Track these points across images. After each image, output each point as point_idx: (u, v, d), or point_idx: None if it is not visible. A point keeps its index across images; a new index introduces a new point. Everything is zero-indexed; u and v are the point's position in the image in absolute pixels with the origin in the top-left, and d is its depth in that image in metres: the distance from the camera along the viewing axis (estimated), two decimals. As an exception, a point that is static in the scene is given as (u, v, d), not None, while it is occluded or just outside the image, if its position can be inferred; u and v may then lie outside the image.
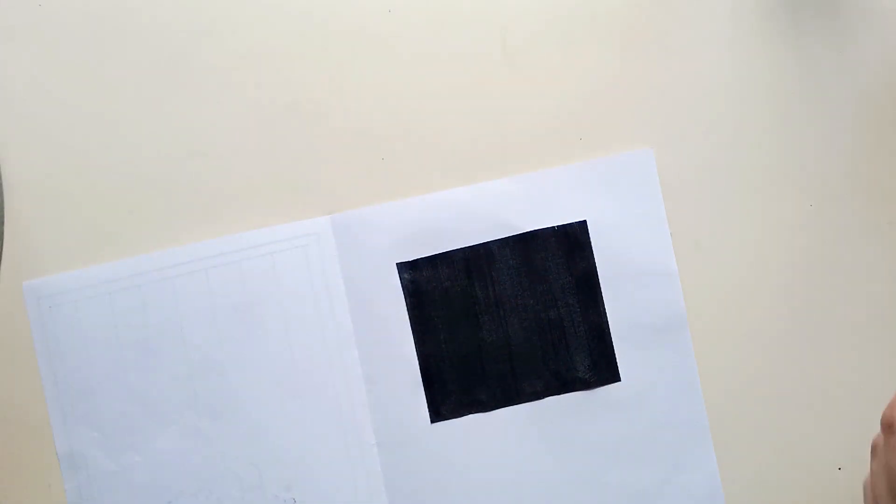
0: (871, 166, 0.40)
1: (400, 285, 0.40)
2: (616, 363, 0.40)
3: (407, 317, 0.40)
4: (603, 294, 0.40)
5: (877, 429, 0.39)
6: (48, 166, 0.41)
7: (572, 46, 0.40)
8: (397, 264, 0.40)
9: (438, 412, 0.40)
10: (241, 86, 0.41)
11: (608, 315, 0.40)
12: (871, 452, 0.32)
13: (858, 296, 0.40)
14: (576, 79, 0.40)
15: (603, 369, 0.40)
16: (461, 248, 0.40)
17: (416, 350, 0.40)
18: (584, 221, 0.40)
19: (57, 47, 0.42)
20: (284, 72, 0.41)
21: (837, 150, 0.40)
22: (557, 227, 0.40)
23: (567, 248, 0.40)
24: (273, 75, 0.41)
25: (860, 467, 0.39)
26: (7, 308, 0.42)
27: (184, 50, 0.41)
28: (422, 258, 0.40)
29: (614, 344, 0.40)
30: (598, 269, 0.40)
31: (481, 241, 0.40)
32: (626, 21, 0.40)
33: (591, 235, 0.40)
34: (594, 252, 0.40)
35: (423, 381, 0.40)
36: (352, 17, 0.41)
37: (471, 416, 0.40)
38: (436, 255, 0.40)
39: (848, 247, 0.40)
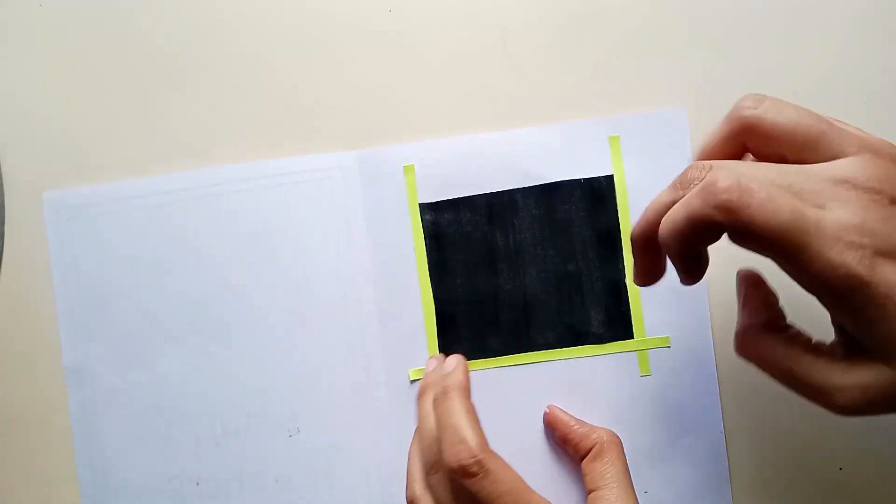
0: None
1: (421, 226, 0.40)
2: (630, 321, 0.40)
3: (426, 258, 0.40)
4: (623, 251, 0.40)
5: (878, 428, 0.39)
6: (48, 166, 0.41)
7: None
8: (420, 205, 0.40)
9: (449, 356, 0.40)
10: (243, 89, 0.41)
11: (626, 273, 0.40)
12: None
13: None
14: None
15: (617, 326, 0.40)
16: (485, 194, 0.40)
17: (432, 292, 0.40)
18: (611, 176, 0.40)
19: (57, 47, 0.42)
20: (283, 72, 0.41)
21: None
22: (583, 179, 0.40)
23: (591, 202, 0.40)
24: (272, 76, 0.41)
25: (860, 467, 0.39)
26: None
27: (185, 48, 0.41)
28: (444, 200, 0.40)
29: (630, 302, 0.40)
30: (620, 226, 0.40)
31: (506, 189, 0.40)
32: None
33: (616, 191, 0.40)
34: (618, 208, 0.40)
35: (437, 323, 0.40)
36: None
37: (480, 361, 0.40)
38: (459, 198, 0.40)
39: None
